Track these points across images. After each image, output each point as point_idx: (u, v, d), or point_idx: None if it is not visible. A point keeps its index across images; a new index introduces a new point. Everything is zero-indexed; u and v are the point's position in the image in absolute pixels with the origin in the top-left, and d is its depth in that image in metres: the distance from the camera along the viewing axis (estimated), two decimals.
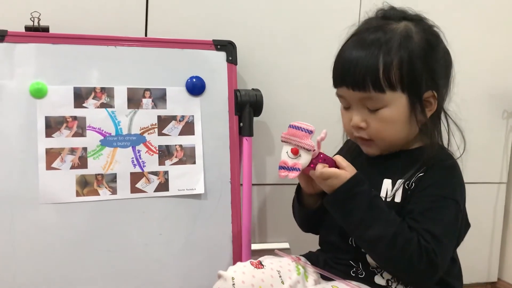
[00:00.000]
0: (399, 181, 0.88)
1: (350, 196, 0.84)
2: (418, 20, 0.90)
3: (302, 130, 0.85)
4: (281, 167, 0.86)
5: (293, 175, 0.84)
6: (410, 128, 0.88)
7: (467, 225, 0.93)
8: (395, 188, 0.88)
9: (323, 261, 0.96)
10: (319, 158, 0.86)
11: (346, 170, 0.85)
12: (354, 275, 0.91)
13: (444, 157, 0.89)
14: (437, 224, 0.82)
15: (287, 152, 0.85)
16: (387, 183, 0.89)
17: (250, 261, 0.93)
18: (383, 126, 0.87)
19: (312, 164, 0.85)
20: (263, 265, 0.91)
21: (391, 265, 0.84)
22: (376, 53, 0.84)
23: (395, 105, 0.85)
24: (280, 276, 0.90)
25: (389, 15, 0.90)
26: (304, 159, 0.85)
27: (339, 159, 0.87)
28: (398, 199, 0.87)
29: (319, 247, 1.02)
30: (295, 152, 0.85)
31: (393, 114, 0.86)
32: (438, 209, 0.84)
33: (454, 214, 0.84)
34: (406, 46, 0.85)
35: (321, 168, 0.84)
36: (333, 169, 0.85)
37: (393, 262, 0.83)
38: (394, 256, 0.81)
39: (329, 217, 0.92)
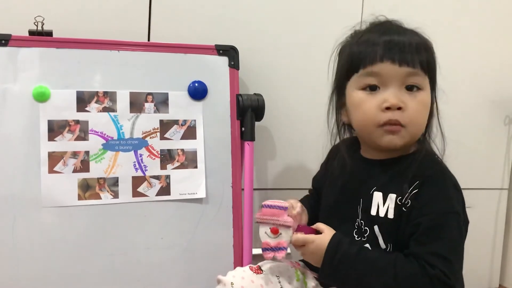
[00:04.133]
0: (391, 196, 0.85)
1: (336, 264, 0.83)
2: None
3: (276, 208, 0.87)
4: (264, 249, 0.87)
5: (281, 255, 0.86)
6: None
7: (466, 223, 0.89)
8: (387, 203, 0.86)
9: None
10: (299, 231, 0.88)
11: (325, 233, 0.86)
12: None
13: (433, 164, 0.87)
14: (443, 244, 0.80)
15: (266, 233, 0.87)
16: (377, 197, 0.87)
17: (250, 266, 0.93)
18: (420, 109, 0.85)
19: None
20: (262, 270, 0.92)
21: None
22: (417, 37, 0.86)
23: (427, 91, 0.86)
24: (279, 282, 0.91)
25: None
26: (286, 236, 0.86)
27: (319, 225, 0.89)
28: (391, 215, 0.85)
29: None
30: (275, 232, 0.86)
31: (428, 99, 0.86)
32: (441, 227, 0.81)
33: (457, 228, 0.82)
34: (429, 42, 0.87)
35: (295, 236, 0.86)
36: (307, 235, 0.86)
37: None
38: None
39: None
